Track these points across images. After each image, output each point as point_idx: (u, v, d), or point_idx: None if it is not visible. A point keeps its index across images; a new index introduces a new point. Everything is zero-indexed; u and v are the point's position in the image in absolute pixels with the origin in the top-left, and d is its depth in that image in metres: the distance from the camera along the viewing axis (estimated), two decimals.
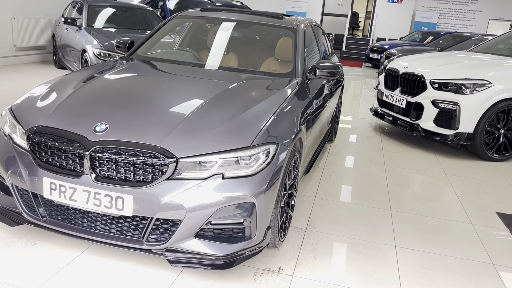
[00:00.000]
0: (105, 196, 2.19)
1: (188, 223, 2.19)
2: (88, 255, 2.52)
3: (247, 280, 2.43)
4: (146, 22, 8.32)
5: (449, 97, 5.02)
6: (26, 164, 2.35)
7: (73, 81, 2.89)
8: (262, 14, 4.04)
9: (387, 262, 2.74)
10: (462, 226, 3.36)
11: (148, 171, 2.18)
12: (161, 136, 2.24)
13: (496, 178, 4.57)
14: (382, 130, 6.32)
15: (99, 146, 2.20)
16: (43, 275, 2.30)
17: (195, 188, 2.18)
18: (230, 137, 2.32)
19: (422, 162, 4.92)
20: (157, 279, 2.36)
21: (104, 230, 2.31)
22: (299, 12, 18.09)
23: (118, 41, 3.89)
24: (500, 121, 5.02)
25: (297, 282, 2.45)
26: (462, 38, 11.54)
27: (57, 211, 2.38)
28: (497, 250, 3.02)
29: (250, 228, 2.31)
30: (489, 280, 2.64)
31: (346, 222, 3.25)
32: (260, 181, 2.27)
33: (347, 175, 4.31)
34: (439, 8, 18.47)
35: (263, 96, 2.83)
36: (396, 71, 5.74)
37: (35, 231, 2.70)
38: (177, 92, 2.86)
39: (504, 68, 5.33)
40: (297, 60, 3.48)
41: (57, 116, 2.42)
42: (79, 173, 2.23)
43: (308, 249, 2.81)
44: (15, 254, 2.47)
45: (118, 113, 2.43)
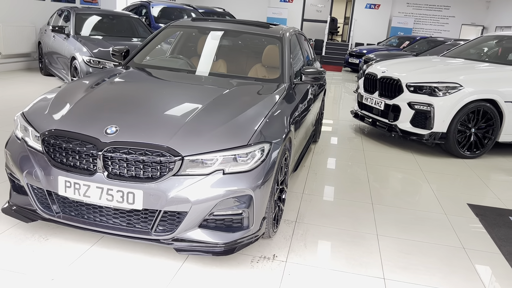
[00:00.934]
0: (117, 191, 2.42)
1: (193, 214, 2.44)
2: (98, 248, 2.74)
3: (245, 266, 2.68)
4: (132, 30, 8.51)
5: (424, 99, 5.38)
6: (41, 165, 2.56)
7: (80, 87, 3.12)
8: (250, 24, 4.32)
9: (369, 249, 3.04)
10: (437, 216, 3.69)
11: (156, 168, 2.42)
12: (167, 137, 2.49)
13: (467, 174, 4.94)
14: (362, 131, 6.66)
15: (111, 146, 2.43)
16: (58, 266, 2.51)
17: (199, 182, 2.43)
18: (228, 137, 2.58)
19: (400, 160, 5.26)
20: (164, 268, 2.59)
21: (115, 223, 2.54)
22: (280, 18, 18.49)
23: (114, 50, 4.10)
24: (470, 121, 5.40)
25: (290, 267, 2.72)
26: (437, 43, 12.04)
27: (70, 207, 2.60)
28: (468, 236, 3.35)
29: (248, 218, 2.57)
30: (460, 262, 2.96)
31: (332, 215, 3.54)
32: (256, 176, 2.54)
33: (331, 173, 4.61)
34: (414, 14, 19.13)
35: (255, 100, 3.10)
36: (374, 76, 6.09)
37: (46, 227, 2.90)
38: (177, 97, 3.11)
39: (474, 71, 5.73)
40: (284, 66, 3.76)
41: (69, 120, 2.64)
42: (93, 171, 2.46)
43: (299, 238, 3.09)
44: (30, 248, 2.67)
45: (126, 117, 2.66)
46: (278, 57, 3.95)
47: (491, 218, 3.70)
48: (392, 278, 2.70)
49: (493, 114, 5.40)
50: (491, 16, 18.45)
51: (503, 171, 5.20)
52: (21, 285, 2.33)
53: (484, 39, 7.04)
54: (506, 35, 6.77)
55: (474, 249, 3.15)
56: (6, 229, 2.86)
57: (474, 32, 18.89)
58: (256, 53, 4.11)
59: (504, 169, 5.27)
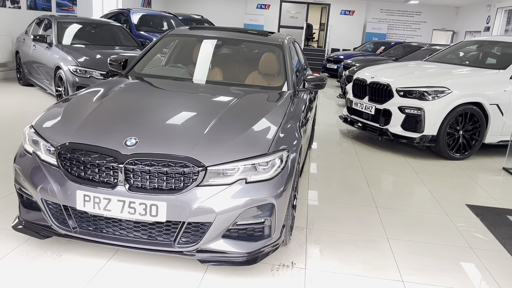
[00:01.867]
0: (140, 204, 2.38)
1: (218, 224, 2.42)
2: (115, 262, 2.68)
3: (266, 275, 2.68)
4: (114, 38, 8.39)
5: (414, 104, 5.52)
6: (56, 179, 2.49)
7: (89, 99, 3.05)
8: (249, 32, 4.34)
9: (382, 252, 3.09)
10: (439, 218, 3.78)
11: (179, 179, 2.40)
12: (188, 148, 2.47)
13: (459, 175, 5.08)
14: (350, 135, 6.76)
15: (133, 159, 2.39)
16: (77, 283, 2.44)
17: (222, 192, 2.42)
18: (248, 146, 2.58)
19: (393, 163, 5.37)
20: (186, 280, 2.56)
21: (136, 237, 2.49)
22: (257, 25, 18.60)
23: (112, 59, 4.03)
24: (459, 123, 5.57)
25: (310, 273, 2.73)
26: (412, 48, 12.36)
27: (88, 222, 2.54)
28: (473, 236, 3.45)
29: (269, 227, 2.57)
30: (471, 262, 3.05)
31: (340, 220, 3.57)
32: (277, 184, 2.54)
33: (331, 178, 4.66)
34: (388, 20, 19.59)
35: (267, 109, 3.11)
36: (363, 81, 6.20)
37: (58, 243, 2.82)
38: (190, 107, 3.09)
39: (460, 76, 5.92)
40: (288, 74, 3.79)
41: (84, 133, 2.58)
42: (113, 184, 2.41)
43: (313, 245, 3.11)
44: (45, 265, 2.58)
45: (144, 128, 2.62)
46: (275, 64, 3.98)
47: (490, 218, 3.82)
48: (410, 280, 2.75)
49: (479, 116, 5.59)
50: (460, 22, 19.10)
51: (491, 171, 5.38)
52: None
53: (465, 44, 7.29)
54: (486, 40, 7.03)
55: (482, 249, 3.25)
56: (15, 246, 2.77)
57: (444, 37, 19.50)
58: (259, 61, 4.11)
59: (491, 169, 5.45)
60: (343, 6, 19.48)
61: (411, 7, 19.44)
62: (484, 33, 16.45)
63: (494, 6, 15.98)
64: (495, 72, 5.82)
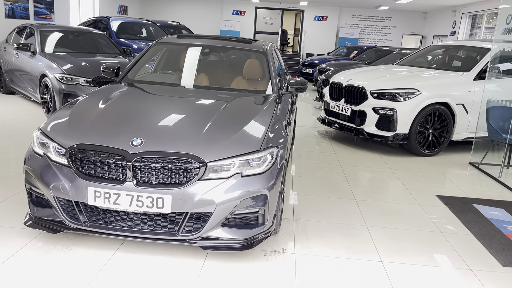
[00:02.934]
0: (147, 198, 2.64)
1: (218, 214, 2.70)
2: (122, 253, 2.92)
3: (260, 260, 2.97)
4: (96, 46, 8.54)
5: (387, 105, 5.93)
6: (68, 178, 2.72)
7: (92, 104, 3.29)
8: (233, 40, 4.64)
9: (363, 238, 3.42)
10: (412, 207, 4.16)
11: (182, 174, 2.67)
12: (189, 146, 2.74)
13: (430, 169, 5.50)
14: (328, 136, 7.13)
15: (140, 157, 2.65)
16: (89, 272, 2.68)
17: (221, 185, 2.70)
18: (243, 143, 2.87)
19: (369, 161, 5.75)
20: (188, 266, 2.82)
21: (143, 228, 2.75)
22: (233, 31, 18.93)
23: (105, 67, 4.26)
24: (428, 122, 6.01)
25: (300, 257, 3.04)
26: (384, 52, 12.90)
27: (97, 216, 2.78)
28: (442, 222, 3.83)
29: (263, 216, 2.87)
30: (441, 244, 3.42)
31: (324, 211, 3.90)
32: (269, 177, 2.84)
33: (313, 175, 4.99)
34: (360, 25, 20.26)
35: (256, 110, 3.42)
36: (339, 84, 6.59)
37: (66, 238, 3.04)
38: (186, 110, 3.36)
39: (428, 78, 6.37)
40: (272, 78, 4.11)
41: (93, 135, 2.82)
42: (122, 180, 2.66)
43: (300, 233, 3.42)
44: (57, 258, 2.81)
45: (147, 129, 2.89)
46: (260, 70, 4.30)
47: (457, 206, 4.22)
48: (388, 260, 3.09)
49: (447, 115, 6.04)
50: (428, 26, 19.93)
51: (458, 165, 5.83)
52: None
53: (432, 48, 7.78)
54: (452, 44, 7.55)
55: (450, 233, 3.63)
56: (26, 242, 2.97)
57: (413, 41, 20.28)
58: (242, 67, 4.41)
59: (459, 164, 5.90)
60: (316, 12, 20.03)
61: (381, 12, 20.16)
62: (450, 37, 17.25)
63: (459, 12, 16.79)
64: (460, 74, 6.30)
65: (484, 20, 15.57)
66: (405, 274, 2.92)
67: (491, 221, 3.89)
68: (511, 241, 3.50)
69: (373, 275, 2.89)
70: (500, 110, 5.61)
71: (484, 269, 3.06)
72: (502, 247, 3.39)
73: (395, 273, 2.93)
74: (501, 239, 3.53)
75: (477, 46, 6.85)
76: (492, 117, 5.56)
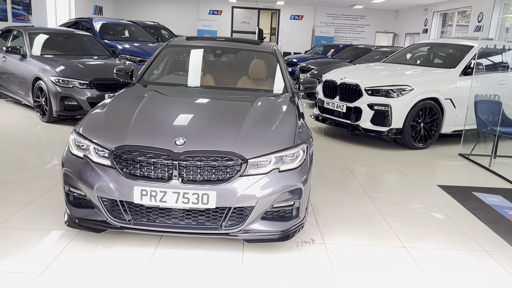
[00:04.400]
0: (193, 194, 2.76)
1: (259, 208, 2.85)
2: (163, 249, 3.03)
3: (294, 250, 3.14)
4: (83, 47, 8.46)
5: (381, 101, 6.20)
6: (113, 178, 2.81)
7: (124, 105, 3.41)
8: (241, 41, 4.79)
9: (382, 226, 3.65)
10: (419, 197, 4.42)
11: (225, 171, 2.81)
12: (230, 144, 2.88)
13: (424, 161, 5.81)
14: (322, 132, 7.36)
15: (185, 155, 2.77)
16: (137, 269, 2.77)
17: (261, 180, 2.85)
18: (277, 141, 3.03)
19: (367, 155, 6.01)
20: (229, 259, 2.96)
21: (187, 223, 2.87)
22: (210, 30, 18.99)
23: (118, 69, 4.32)
24: (420, 117, 6.33)
25: (330, 247, 3.23)
26: (362, 50, 13.25)
27: (141, 214, 2.88)
28: (449, 210, 4.11)
29: (298, 208, 3.04)
30: (453, 228, 3.69)
31: (339, 203, 4.11)
32: (302, 171, 3.01)
33: (320, 169, 5.19)
34: (334, 23, 20.70)
35: (280, 109, 3.58)
36: (334, 82, 6.82)
37: (104, 238, 3.12)
38: (219, 110, 3.53)
39: (418, 75, 6.69)
40: (285, 78, 4.28)
41: (135, 136, 2.91)
42: (167, 179, 2.77)
43: (323, 224, 3.61)
44: (101, 257, 2.89)
45: (187, 129, 3.02)
46: (272, 70, 4.46)
47: (459, 194, 4.52)
48: (410, 246, 3.32)
49: (436, 110, 6.38)
50: (400, 24, 20.58)
51: (449, 157, 6.17)
52: (116, 286, 2.57)
53: (417, 46, 8.14)
54: (436, 42, 7.92)
55: (458, 219, 3.90)
56: (66, 243, 3.03)
57: (386, 39, 20.90)
58: (254, 68, 4.54)
59: (449, 155, 6.24)
60: (292, 11, 20.33)
61: (355, 11, 20.66)
62: (422, 35, 17.89)
63: (431, 10, 17.45)
64: (446, 71, 6.65)
65: (455, 18, 16.26)
66: (428, 257, 3.15)
67: (492, 207, 4.19)
68: None
69: (400, 259, 3.11)
70: (487, 104, 5.98)
71: (497, 250, 3.33)
72: (508, 230, 3.69)
73: (419, 257, 3.16)
74: (505, 223, 3.83)
75: (461, 43, 7.23)
76: (480, 110, 5.92)
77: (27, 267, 2.72)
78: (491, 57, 6.95)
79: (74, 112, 6.66)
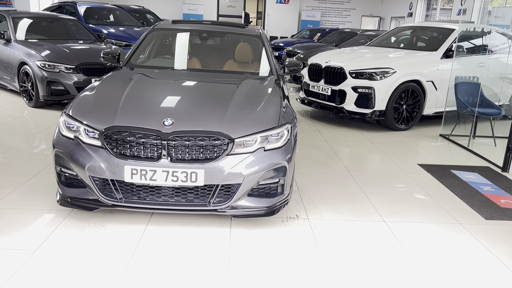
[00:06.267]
0: (182, 172, 2.87)
1: (245, 185, 2.98)
2: (153, 226, 3.15)
3: (279, 225, 3.29)
4: (68, 32, 8.41)
5: (365, 83, 6.34)
6: (103, 158, 2.90)
7: (112, 88, 3.49)
8: (227, 24, 4.86)
9: (363, 203, 3.81)
10: (400, 175, 4.60)
11: (213, 150, 2.92)
12: (216, 124, 2.99)
13: (406, 142, 6.00)
14: (307, 115, 7.50)
15: (173, 135, 2.88)
16: (129, 244, 2.89)
17: (247, 159, 2.98)
18: (263, 121, 3.15)
19: (351, 136, 6.17)
20: (218, 234, 3.10)
21: (176, 201, 2.99)
22: (196, 14, 18.86)
23: (105, 53, 4.38)
24: (402, 99, 6.49)
25: (313, 222, 3.38)
26: (347, 34, 13.37)
27: (132, 192, 2.99)
28: (428, 187, 4.29)
29: (282, 185, 3.18)
30: (431, 204, 3.88)
31: (323, 182, 4.26)
32: (286, 150, 3.14)
33: (306, 151, 5.34)
34: (321, 7, 20.71)
35: (265, 90, 3.70)
36: (319, 66, 6.93)
37: (96, 216, 3.23)
38: (205, 91, 3.62)
39: (401, 57, 6.83)
40: (270, 61, 4.38)
41: (125, 117, 3.00)
42: (157, 158, 2.88)
43: (308, 201, 3.76)
44: (95, 234, 3.00)
45: (175, 110, 3.11)
46: (258, 53, 4.55)
47: (438, 172, 4.71)
48: (389, 220, 3.49)
49: (418, 92, 6.54)
50: (386, 8, 20.67)
51: (430, 137, 6.37)
52: (108, 260, 2.69)
53: (400, 29, 8.27)
54: (418, 25, 8.06)
55: (436, 195, 4.09)
56: (59, 222, 3.13)
57: (372, 23, 21.00)
58: (240, 51, 4.63)
59: (431, 136, 6.44)
60: None
61: None
62: (407, 18, 18.03)
63: None
64: (429, 54, 6.80)
65: (439, 1, 16.41)
66: (406, 231, 3.33)
67: (469, 183, 4.39)
68: (488, 199, 4.00)
69: (380, 232, 3.29)
70: (467, 86, 6.16)
71: (471, 223, 3.53)
72: (482, 204, 3.89)
73: (398, 230, 3.33)
74: (480, 198, 4.03)
75: (442, 27, 7.38)
76: (460, 92, 6.10)
77: (23, 244, 2.82)
78: (472, 40, 7.11)
79: (61, 96, 6.67)
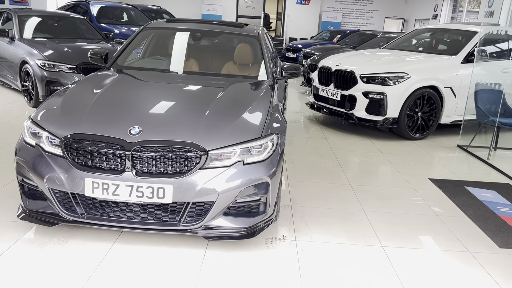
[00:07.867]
0: (147, 188, 2.56)
1: (220, 203, 2.65)
2: (121, 245, 2.85)
3: (262, 247, 2.94)
4: (76, 31, 8.27)
5: (377, 89, 5.92)
6: (63, 169, 2.62)
7: (84, 91, 3.18)
8: (224, 24, 4.54)
9: (361, 223, 3.43)
10: (407, 191, 4.18)
11: (183, 163, 2.60)
12: (189, 134, 2.67)
13: (420, 153, 5.55)
14: (316, 121, 7.11)
15: (139, 146, 2.57)
16: (89, 265, 2.60)
17: (223, 174, 2.64)
18: (243, 131, 2.81)
19: (360, 145, 5.76)
20: (190, 256, 2.77)
21: (143, 219, 2.68)
22: (215, 15, 18.64)
23: (92, 53, 4.12)
24: (417, 106, 6.04)
25: (301, 244, 3.02)
26: (367, 36, 12.87)
27: (95, 207, 2.69)
28: (437, 205, 3.86)
29: (264, 203, 2.83)
30: (438, 227, 3.45)
31: (320, 197, 3.89)
32: (270, 164, 2.80)
33: (306, 160, 4.97)
34: (342, 9, 20.19)
35: (254, 96, 3.35)
36: (329, 69, 6.54)
37: (61, 231, 2.95)
38: (184, 97, 3.28)
39: (417, 62, 6.38)
40: (266, 63, 4.04)
41: (89, 124, 2.71)
42: (120, 170, 2.58)
43: (299, 219, 3.40)
44: (55, 251, 2.72)
45: (145, 117, 2.80)
46: (253, 54, 4.21)
47: (450, 189, 4.27)
48: (388, 245, 3.10)
49: (435, 99, 6.08)
50: (410, 10, 19.99)
51: (447, 148, 5.89)
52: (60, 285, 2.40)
53: (419, 31, 7.79)
54: (438, 28, 7.56)
55: (446, 215, 3.66)
56: (20, 236, 2.87)
57: (395, 25, 20.35)
58: (234, 52, 4.31)
59: (448, 146, 5.97)
60: None
61: None
62: (432, 20, 17.34)
63: None
64: (447, 58, 6.32)
65: (466, 3, 15.70)
66: (406, 258, 2.94)
67: (484, 203, 3.94)
68: (505, 223, 3.55)
69: (375, 260, 2.90)
70: (488, 93, 5.67)
71: (482, 251, 3.10)
72: (497, 228, 3.45)
73: (396, 257, 2.94)
74: (495, 220, 3.58)
75: (464, 29, 6.88)
76: (480, 99, 5.62)
77: None
78: (496, 44, 6.60)
79: None
